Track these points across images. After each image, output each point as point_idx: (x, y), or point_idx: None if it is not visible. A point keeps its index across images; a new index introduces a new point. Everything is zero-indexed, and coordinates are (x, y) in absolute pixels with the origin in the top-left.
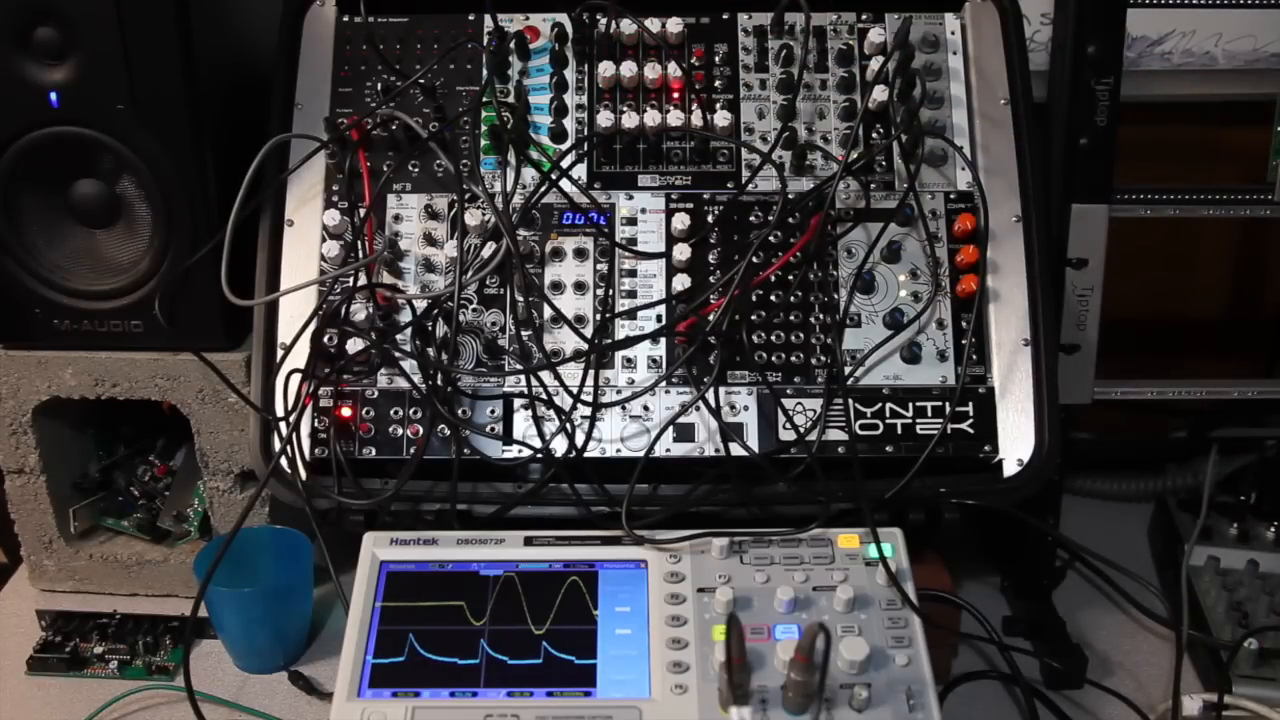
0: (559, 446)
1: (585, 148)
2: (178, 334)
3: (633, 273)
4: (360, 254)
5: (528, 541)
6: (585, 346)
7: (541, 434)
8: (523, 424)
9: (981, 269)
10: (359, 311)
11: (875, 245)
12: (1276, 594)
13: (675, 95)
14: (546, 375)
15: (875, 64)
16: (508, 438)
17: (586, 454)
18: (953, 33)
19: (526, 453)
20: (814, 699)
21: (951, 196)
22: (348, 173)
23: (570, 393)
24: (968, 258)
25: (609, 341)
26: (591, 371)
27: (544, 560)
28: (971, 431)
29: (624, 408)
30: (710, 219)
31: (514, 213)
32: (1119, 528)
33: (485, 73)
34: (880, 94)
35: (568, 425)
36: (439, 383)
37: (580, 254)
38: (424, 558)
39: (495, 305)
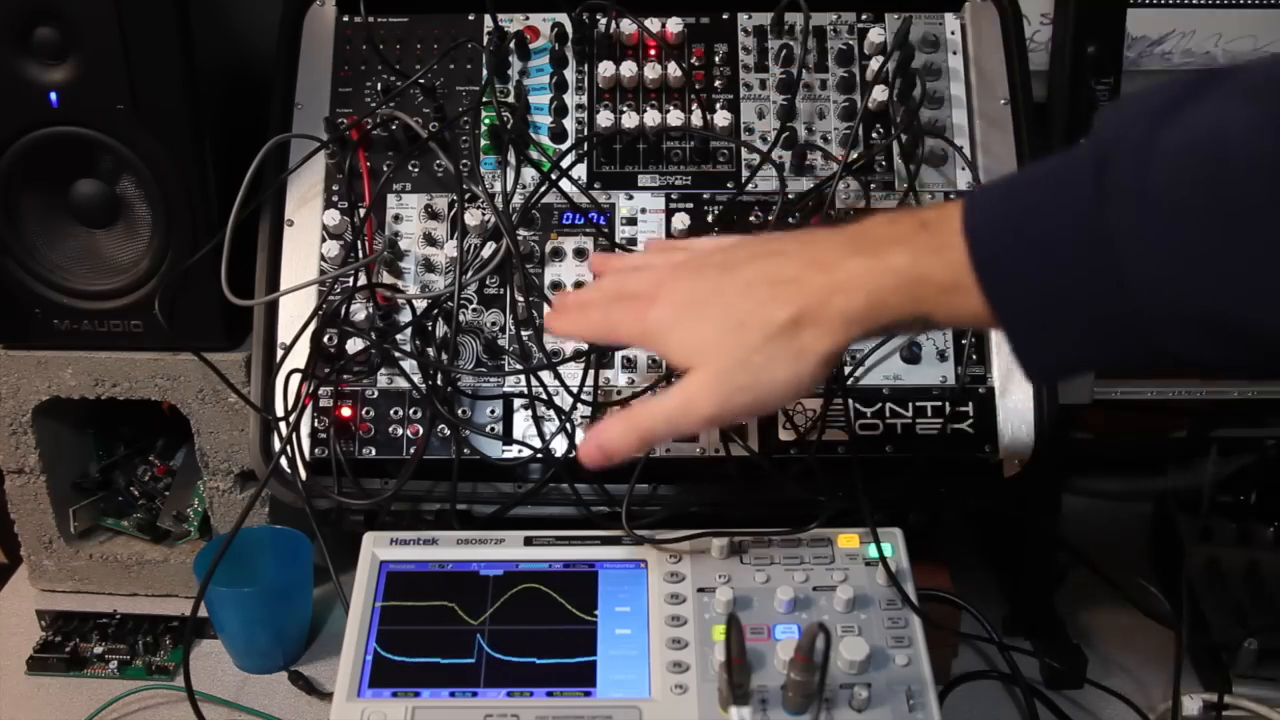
0: (559, 446)
1: (585, 148)
2: (178, 334)
3: None
4: (360, 254)
5: (528, 541)
6: (585, 346)
7: (541, 434)
8: (523, 424)
9: None
10: (359, 311)
11: None
12: (1277, 594)
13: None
14: (546, 375)
15: (875, 64)
16: (508, 438)
17: None
18: (953, 33)
19: (526, 453)
20: (814, 699)
21: (951, 196)
22: (348, 173)
23: (570, 393)
24: None
25: None
26: (591, 371)
27: (544, 560)
28: (971, 431)
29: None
30: (710, 219)
31: (514, 213)
32: (1119, 528)
33: (485, 73)
34: (880, 94)
35: (568, 425)
36: (439, 383)
37: (580, 254)
38: (424, 558)
39: (495, 305)
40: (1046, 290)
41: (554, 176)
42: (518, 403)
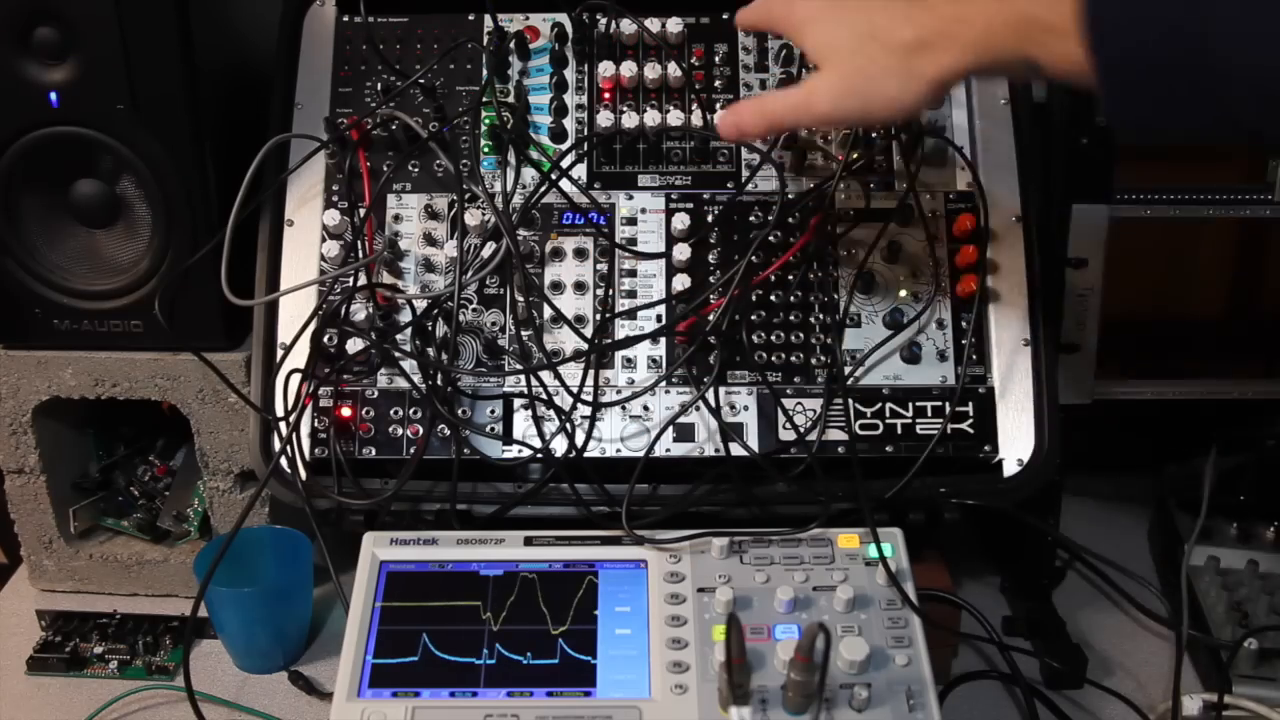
0: (559, 446)
1: (585, 148)
2: (178, 334)
3: (633, 273)
4: (360, 254)
5: (528, 541)
6: (585, 346)
7: (541, 434)
8: (523, 424)
9: (981, 269)
10: (359, 311)
11: (875, 245)
12: (1276, 594)
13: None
14: (546, 375)
15: None
16: (508, 438)
17: (586, 454)
18: None
19: (526, 453)
20: (814, 699)
21: (951, 196)
22: (348, 173)
23: (570, 392)
24: (968, 258)
25: (609, 341)
26: (591, 371)
27: (544, 560)
28: (971, 431)
29: (624, 408)
30: (710, 219)
31: (514, 213)
32: (1119, 528)
33: (485, 73)
34: None
35: (568, 425)
36: (439, 383)
37: (580, 254)
38: (424, 558)
39: (495, 305)
40: (1140, 55)
41: (554, 176)
42: (518, 403)
